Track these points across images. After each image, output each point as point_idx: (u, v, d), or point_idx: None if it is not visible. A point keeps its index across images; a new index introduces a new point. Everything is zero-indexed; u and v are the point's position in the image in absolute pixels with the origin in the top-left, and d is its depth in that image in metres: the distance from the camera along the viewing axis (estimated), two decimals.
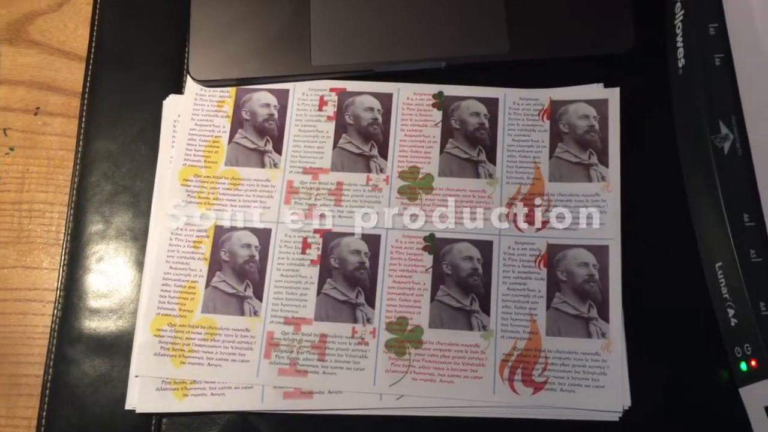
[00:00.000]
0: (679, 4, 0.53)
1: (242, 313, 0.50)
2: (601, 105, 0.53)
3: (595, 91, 0.53)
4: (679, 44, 0.52)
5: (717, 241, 0.47)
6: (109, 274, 0.52)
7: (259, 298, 0.51)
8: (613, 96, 0.53)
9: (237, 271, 0.51)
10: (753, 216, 0.46)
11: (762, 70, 0.45)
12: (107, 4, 0.58)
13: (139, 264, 0.52)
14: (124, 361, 0.50)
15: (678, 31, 0.52)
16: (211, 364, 0.49)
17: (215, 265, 0.52)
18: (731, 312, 0.46)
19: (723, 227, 0.46)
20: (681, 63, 0.52)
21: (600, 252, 0.50)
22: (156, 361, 0.49)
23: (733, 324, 0.46)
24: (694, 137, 0.49)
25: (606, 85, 0.54)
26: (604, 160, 0.52)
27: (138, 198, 0.53)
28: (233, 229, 0.52)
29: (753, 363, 0.45)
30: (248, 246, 0.52)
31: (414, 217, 0.52)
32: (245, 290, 0.51)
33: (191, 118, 0.55)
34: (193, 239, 0.52)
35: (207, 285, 0.51)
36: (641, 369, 0.48)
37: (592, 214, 0.51)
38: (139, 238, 0.53)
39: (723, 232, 0.46)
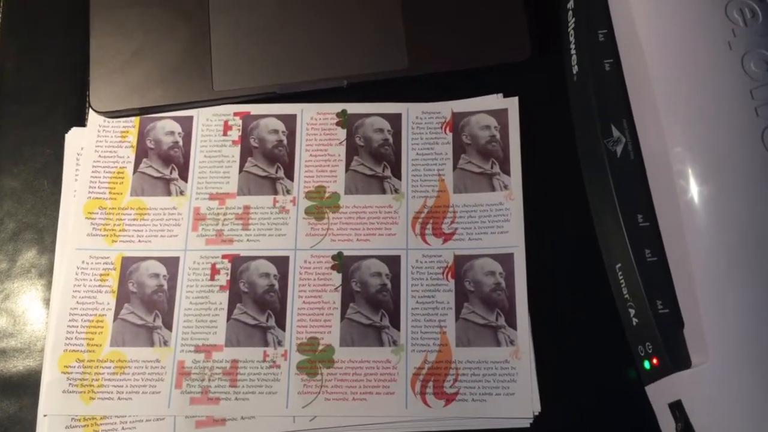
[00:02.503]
0: (570, 12, 0.54)
1: (152, 344, 0.50)
2: (501, 115, 0.54)
3: (494, 101, 0.54)
4: (573, 51, 0.53)
5: (615, 242, 0.48)
6: (15, 312, 0.51)
7: (169, 327, 0.50)
8: (512, 105, 0.54)
9: (145, 302, 0.51)
10: (646, 216, 0.47)
11: (648, 73, 0.46)
12: (6, 38, 0.58)
13: (46, 301, 0.51)
14: (33, 401, 0.49)
15: (571, 38, 0.53)
16: (122, 398, 0.49)
17: (123, 297, 0.51)
18: (632, 312, 0.47)
19: (619, 229, 0.47)
20: (575, 70, 0.52)
21: (505, 260, 0.50)
22: (65, 398, 0.49)
23: (634, 323, 0.47)
24: (589, 142, 0.50)
25: (505, 95, 0.54)
26: (506, 169, 0.53)
27: (42, 234, 0.53)
28: (140, 259, 0.52)
29: (654, 361, 0.45)
30: (156, 276, 0.51)
31: (321, 236, 0.52)
32: (154, 320, 0.50)
33: (95, 150, 0.54)
34: (99, 272, 0.51)
35: (115, 318, 0.51)
36: (550, 373, 0.48)
37: (496, 223, 0.51)
38: (44, 274, 0.52)
39: (619, 234, 0.47)
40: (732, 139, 0.42)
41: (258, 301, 0.51)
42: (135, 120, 0.55)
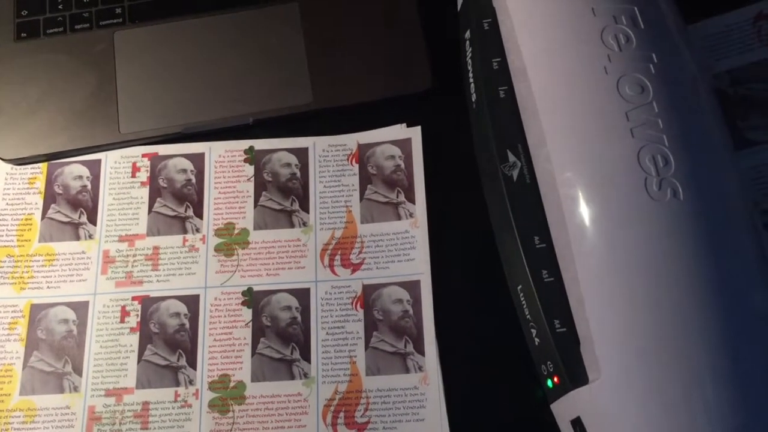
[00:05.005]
0: (468, 42, 0.55)
1: (62, 391, 0.50)
2: (405, 144, 0.55)
3: (398, 131, 0.55)
4: (471, 80, 0.54)
5: (515, 264, 0.49)
6: None
7: (79, 372, 0.50)
8: (415, 135, 0.55)
9: (55, 348, 0.51)
10: (542, 238, 0.48)
11: (534, 99, 0.47)
12: None
13: None
14: None
15: (469, 67, 0.55)
16: None
17: (32, 344, 0.51)
18: (534, 332, 0.48)
19: (518, 251, 0.48)
20: (473, 97, 0.54)
21: (412, 287, 0.51)
22: None
23: (537, 343, 0.48)
24: (489, 167, 0.52)
25: (409, 125, 0.56)
26: (411, 198, 0.54)
27: None
28: (49, 305, 0.52)
29: (556, 379, 0.46)
30: (65, 321, 0.51)
31: (231, 273, 0.52)
32: (64, 366, 0.50)
33: (2, 198, 0.54)
34: (8, 321, 0.51)
35: (24, 366, 0.50)
36: (459, 397, 0.49)
37: (402, 251, 0.52)
38: None
39: (518, 256, 0.48)
40: (610, 161, 0.43)
41: (169, 341, 0.51)
42: (42, 166, 0.55)
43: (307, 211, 0.54)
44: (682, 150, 0.43)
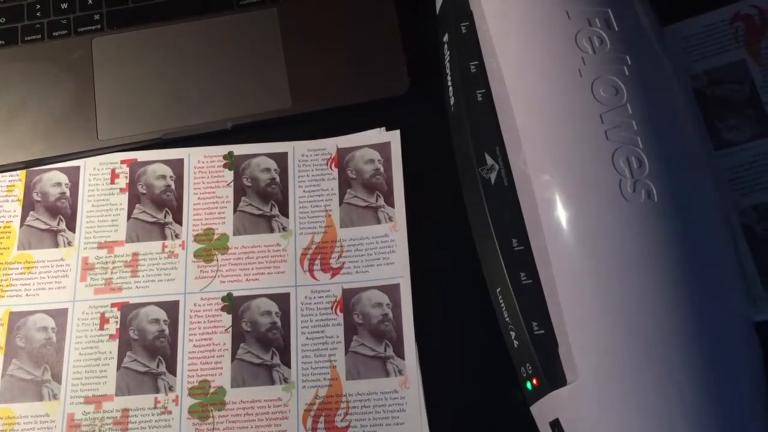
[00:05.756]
0: (446, 45, 0.55)
1: (41, 399, 0.50)
2: (384, 148, 0.55)
3: (377, 135, 0.55)
4: (449, 83, 0.54)
5: (494, 267, 0.49)
6: None
7: (58, 380, 0.50)
8: (394, 138, 0.55)
9: (34, 356, 0.50)
10: (520, 240, 0.48)
11: (510, 102, 0.48)
12: None
13: None
14: None
15: (447, 71, 0.55)
16: None
17: (11, 352, 0.51)
18: (513, 334, 0.48)
19: (496, 254, 0.48)
20: (452, 101, 0.54)
21: (392, 291, 0.51)
22: None
23: (516, 345, 0.48)
24: (467, 170, 0.52)
25: (388, 129, 0.56)
26: (390, 201, 0.54)
27: None
28: (28, 313, 0.51)
29: (534, 381, 0.46)
30: (45, 329, 0.51)
31: (211, 278, 0.52)
32: (43, 374, 0.50)
33: None
34: None
35: (3, 374, 0.50)
36: (439, 400, 0.49)
37: (382, 255, 0.52)
38: None
39: (497, 259, 0.48)
40: (585, 163, 0.43)
41: (148, 348, 0.51)
42: (21, 173, 0.55)
43: (287, 216, 0.54)
44: (655, 151, 0.43)
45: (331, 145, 0.56)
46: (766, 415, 0.42)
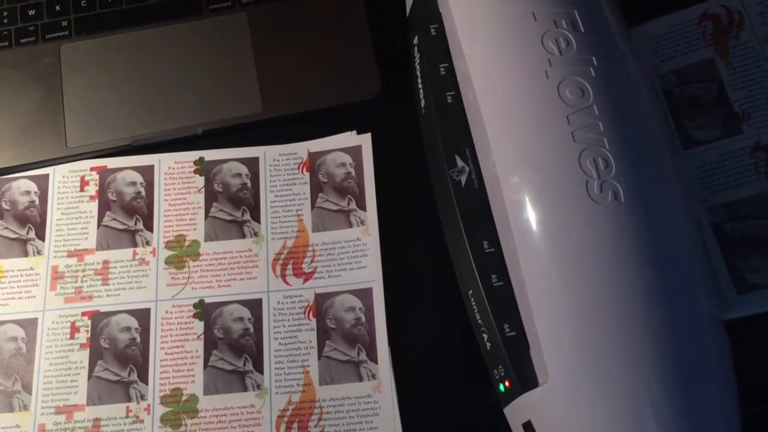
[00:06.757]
0: (416, 48, 0.55)
1: (11, 410, 0.49)
2: (355, 151, 0.55)
3: (348, 138, 0.55)
4: (420, 85, 0.54)
5: (465, 269, 0.49)
6: None
7: (29, 390, 0.50)
8: (365, 142, 0.55)
9: (4, 367, 0.50)
10: (491, 243, 0.48)
11: (478, 104, 0.48)
12: None
13: None
14: None
15: (417, 73, 0.55)
16: None
17: None
18: (485, 336, 0.48)
19: (467, 256, 0.48)
20: (422, 103, 0.54)
21: (364, 295, 0.51)
22: None
23: (488, 348, 0.48)
24: (438, 173, 0.52)
25: (359, 132, 0.55)
26: (362, 205, 0.53)
27: None
28: None
29: (507, 383, 0.46)
30: (14, 339, 0.51)
31: (183, 285, 0.52)
32: (13, 384, 0.50)
33: None
34: None
35: None
36: (413, 404, 0.49)
37: (354, 259, 0.52)
38: None
39: (468, 260, 0.48)
40: (552, 165, 0.43)
41: (119, 356, 0.50)
42: None
43: (259, 221, 0.54)
44: (622, 152, 0.43)
45: (303, 149, 0.55)
46: (735, 414, 0.42)
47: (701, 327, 0.43)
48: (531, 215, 0.44)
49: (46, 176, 0.55)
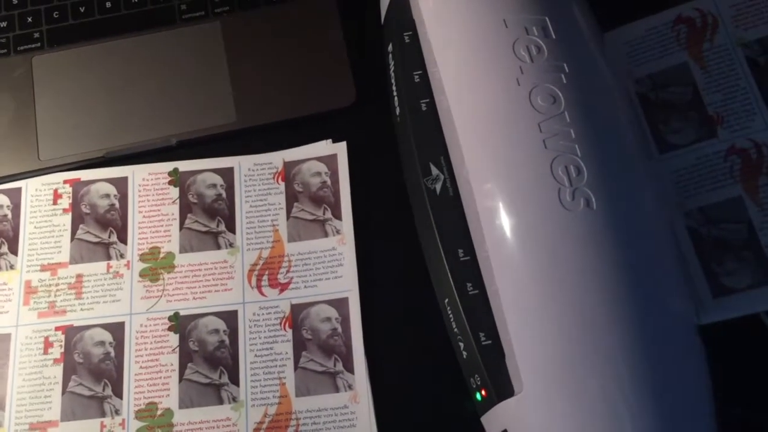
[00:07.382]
0: (390, 56, 0.55)
1: None
2: (331, 160, 0.55)
3: (324, 147, 0.55)
4: (394, 93, 0.54)
5: (441, 277, 0.49)
6: None
7: (2, 407, 0.49)
8: (341, 150, 0.55)
9: None
10: (466, 251, 0.47)
11: (451, 112, 0.47)
12: None
13: None
14: None
15: (393, 81, 0.55)
16: None
17: None
18: (461, 345, 0.47)
19: (443, 264, 0.48)
20: (397, 111, 0.54)
21: (340, 304, 0.51)
22: None
23: (464, 356, 0.47)
24: (413, 181, 0.51)
25: (334, 141, 0.55)
26: (338, 214, 0.53)
27: None
28: None
29: (483, 392, 0.46)
30: None
31: (157, 298, 0.51)
32: None
33: None
34: None
35: None
36: (390, 414, 0.49)
37: (330, 269, 0.52)
38: None
39: (443, 269, 0.48)
40: (524, 172, 0.43)
41: (93, 371, 0.50)
42: None
43: (234, 232, 0.53)
44: (593, 159, 0.43)
45: (278, 158, 0.55)
46: (711, 417, 0.42)
47: (675, 333, 0.43)
48: (504, 223, 0.43)
49: (19, 190, 0.54)
